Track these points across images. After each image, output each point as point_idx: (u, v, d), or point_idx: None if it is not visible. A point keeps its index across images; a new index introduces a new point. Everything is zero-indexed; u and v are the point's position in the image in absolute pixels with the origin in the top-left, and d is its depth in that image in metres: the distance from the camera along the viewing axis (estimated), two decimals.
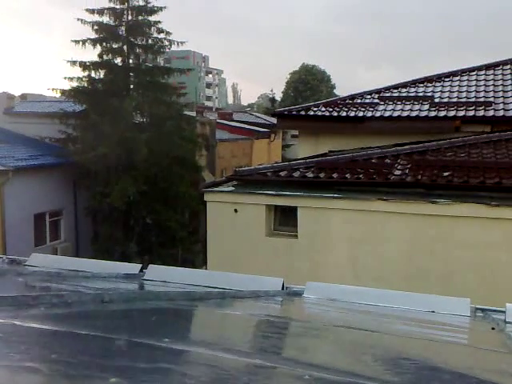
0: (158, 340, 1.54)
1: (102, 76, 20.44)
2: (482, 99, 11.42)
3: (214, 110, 51.14)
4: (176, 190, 19.56)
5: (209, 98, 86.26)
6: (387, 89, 13.03)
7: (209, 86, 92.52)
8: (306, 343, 1.98)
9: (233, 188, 8.79)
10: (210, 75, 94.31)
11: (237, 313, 2.70)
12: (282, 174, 8.63)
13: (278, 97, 66.47)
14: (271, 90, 73.89)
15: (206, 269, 8.78)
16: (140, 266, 3.39)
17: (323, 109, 12.50)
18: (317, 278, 7.18)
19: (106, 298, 2.12)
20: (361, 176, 8.13)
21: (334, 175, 8.29)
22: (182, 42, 21.63)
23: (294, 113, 12.83)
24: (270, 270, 7.15)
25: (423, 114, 11.29)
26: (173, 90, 21.76)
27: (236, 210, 8.45)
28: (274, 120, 23.59)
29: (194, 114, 25.30)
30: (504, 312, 2.48)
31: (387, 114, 11.62)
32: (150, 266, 3.38)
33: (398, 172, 8.11)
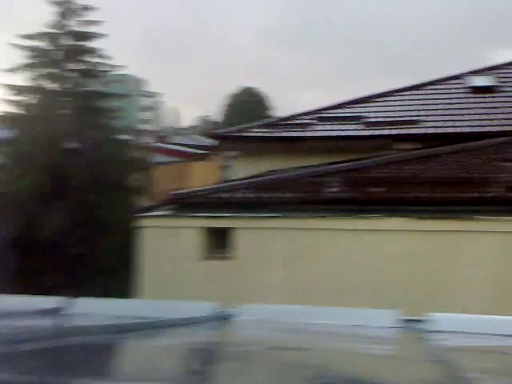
0: (78, 379, 1.42)
1: (36, 101, 19.79)
2: (410, 118, 11.94)
3: (151, 133, 50.56)
4: (110, 216, 18.99)
5: (146, 121, 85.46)
6: (323, 109, 13.36)
7: (147, 109, 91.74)
8: (237, 368, 1.91)
9: (169, 212, 8.62)
10: (149, 98, 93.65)
11: (167, 342, 2.57)
12: (220, 195, 8.58)
13: (217, 119, 66.80)
14: (210, 112, 73.99)
15: (139, 298, 8.50)
16: (64, 298, 3.17)
17: (262, 129, 12.63)
18: (254, 299, 7.11)
19: (21, 337, 1.95)
20: (298, 194, 8.22)
21: (272, 194, 8.34)
22: (120, 66, 21.40)
23: (234, 134, 12.89)
24: (206, 294, 7.01)
25: (357, 133, 11.65)
26: (109, 114, 21.36)
27: (171, 235, 8.29)
28: (213, 142, 23.59)
29: (130, 137, 24.91)
30: (428, 321, 2.54)
31: (324, 133, 11.91)
32: (75, 298, 3.18)
33: (333, 189, 8.28)
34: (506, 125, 10.83)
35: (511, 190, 7.47)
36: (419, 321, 2.70)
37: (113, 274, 19.72)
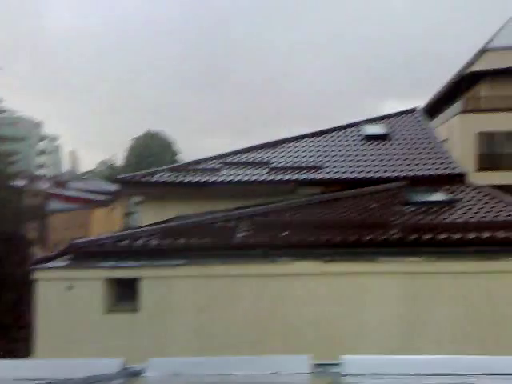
0: None
1: None
2: (312, 163, 12.45)
3: (47, 178, 48.14)
4: (3, 269, 17.48)
5: (42, 166, 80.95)
6: (229, 154, 13.53)
7: (42, 153, 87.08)
8: None
9: (67, 262, 8.05)
10: (44, 142, 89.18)
11: None
12: (123, 243, 8.20)
13: (120, 163, 65.22)
14: (112, 157, 72.01)
15: (36, 358, 7.75)
16: None
17: (168, 174, 12.46)
18: (162, 352, 6.82)
19: None
20: (206, 240, 8.10)
21: (179, 241, 8.13)
22: (12, 110, 20.30)
23: (138, 179, 12.56)
24: (110, 350, 6.60)
25: (262, 178, 11.89)
26: (1, 159, 20.03)
27: (70, 287, 7.74)
28: (115, 187, 22.89)
29: (23, 183, 23.44)
30: (340, 364, 2.53)
31: (230, 178, 11.99)
32: None
33: (241, 234, 8.26)
34: (398, 170, 11.65)
35: (410, 232, 7.91)
36: (331, 365, 2.69)
37: (7, 331, 17.97)
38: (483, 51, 31.98)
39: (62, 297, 7.75)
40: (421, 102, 63.67)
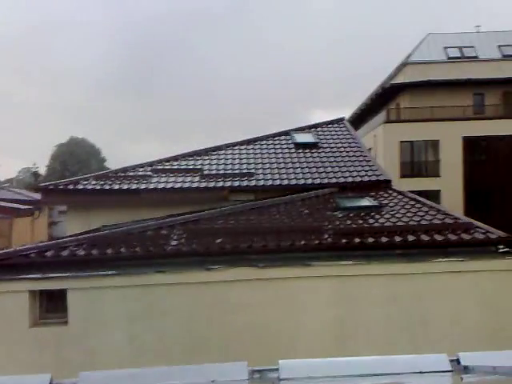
0: None
1: None
2: (245, 170, 12.51)
3: None
4: None
5: None
6: (159, 162, 13.31)
7: None
8: None
9: None
10: None
11: None
12: (49, 253, 7.81)
13: (43, 171, 62.36)
14: (34, 164, 68.69)
15: None
16: None
17: (94, 182, 12.04)
18: (93, 366, 6.54)
19: None
20: (137, 249, 7.88)
21: (108, 251, 7.85)
22: None
23: (62, 187, 12.04)
24: (36, 365, 6.24)
25: (194, 185, 11.78)
26: None
27: None
28: (38, 196, 21.83)
29: None
30: (278, 369, 2.54)
31: (160, 185, 11.78)
32: None
33: (174, 242, 8.12)
34: (328, 177, 11.97)
35: (340, 237, 8.13)
36: (269, 370, 2.69)
37: None
38: (403, 65, 33.75)
39: None
40: (345, 112, 66.12)
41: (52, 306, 7.64)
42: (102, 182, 12.00)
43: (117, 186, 11.77)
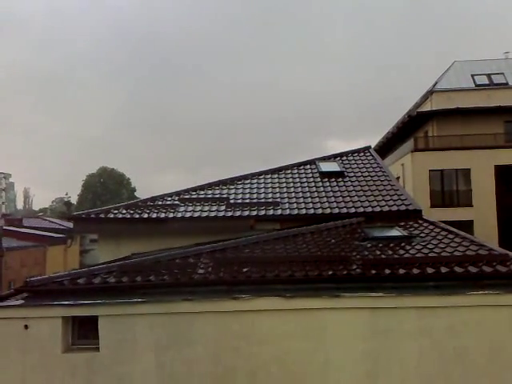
0: None
1: None
2: (270, 200, 12.59)
3: (1, 215, 46.51)
4: None
5: None
6: (186, 191, 13.57)
7: None
8: None
9: (22, 301, 7.77)
10: None
11: None
12: (81, 281, 7.99)
13: (75, 200, 63.81)
14: (66, 194, 70.37)
15: None
16: None
17: (124, 211, 12.32)
18: None
19: None
20: (165, 277, 7.99)
21: (138, 278, 7.98)
22: None
23: (93, 216, 12.36)
24: None
25: (221, 214, 11.93)
26: None
27: (26, 327, 7.44)
28: (70, 225, 22.31)
29: None
30: None
31: (187, 214, 11.97)
32: None
33: (201, 271, 8.20)
34: (355, 207, 11.92)
35: (370, 268, 7.95)
36: None
37: None
38: (430, 93, 33.66)
39: (18, 336, 7.43)
40: (361, 142, 66.15)
41: (84, 332, 7.77)
42: (132, 211, 12.27)
43: (146, 215, 12.02)
